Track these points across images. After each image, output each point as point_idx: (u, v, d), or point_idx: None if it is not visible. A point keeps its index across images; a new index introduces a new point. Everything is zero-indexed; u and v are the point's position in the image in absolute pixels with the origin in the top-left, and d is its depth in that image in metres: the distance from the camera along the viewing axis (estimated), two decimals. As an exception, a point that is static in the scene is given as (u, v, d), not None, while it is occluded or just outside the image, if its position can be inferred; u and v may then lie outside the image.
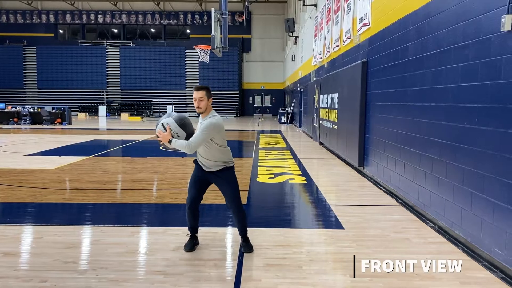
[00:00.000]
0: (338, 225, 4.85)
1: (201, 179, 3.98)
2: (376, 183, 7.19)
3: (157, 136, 3.78)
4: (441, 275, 3.45)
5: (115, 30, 40.26)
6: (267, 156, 10.84)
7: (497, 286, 3.29)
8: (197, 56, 27.81)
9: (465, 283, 3.32)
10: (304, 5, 18.27)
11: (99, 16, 38.98)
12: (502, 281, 3.36)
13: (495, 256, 3.57)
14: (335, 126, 10.76)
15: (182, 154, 11.08)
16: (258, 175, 7.99)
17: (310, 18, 17.90)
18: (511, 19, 3.41)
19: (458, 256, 3.90)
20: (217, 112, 3.92)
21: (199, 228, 4.14)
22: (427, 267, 3.61)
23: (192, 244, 3.99)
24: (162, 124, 3.76)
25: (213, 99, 3.88)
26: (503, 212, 3.46)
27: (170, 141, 3.69)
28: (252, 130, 20.89)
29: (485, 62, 3.79)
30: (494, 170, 3.62)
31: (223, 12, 15.26)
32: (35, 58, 38.07)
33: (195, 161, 4.02)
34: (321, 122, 13.24)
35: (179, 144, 3.69)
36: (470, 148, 4.02)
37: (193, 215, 3.99)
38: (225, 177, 3.93)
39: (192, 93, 3.85)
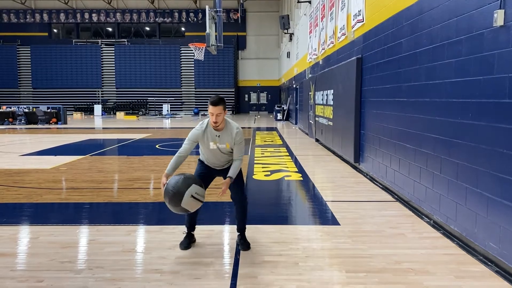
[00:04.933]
0: (334, 221, 4.87)
1: (206, 175, 3.99)
2: (372, 179, 7.22)
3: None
4: (436, 269, 3.48)
5: (110, 29, 40.12)
6: (263, 154, 10.85)
7: (492, 280, 3.31)
8: (192, 54, 27.76)
9: (460, 277, 3.35)
10: (298, 1, 18.26)
11: (93, 15, 38.82)
12: (496, 275, 3.38)
13: (490, 250, 3.60)
14: (330, 123, 10.78)
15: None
16: (254, 173, 8.00)
17: (304, 15, 17.89)
18: (503, 14, 3.43)
19: (453, 251, 3.93)
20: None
21: (196, 226, 4.15)
22: (422, 262, 3.64)
23: (188, 242, 4.00)
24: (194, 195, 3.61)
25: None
26: (497, 206, 3.49)
27: (232, 178, 3.78)
28: (248, 128, 20.87)
29: (478, 57, 3.81)
30: (487, 165, 3.64)
31: (218, 9, 15.23)
32: (29, 57, 37.90)
33: (200, 160, 4.04)
34: (316, 118, 13.26)
35: (236, 171, 3.83)
36: (464, 143, 4.05)
37: (194, 212, 4.00)
38: None
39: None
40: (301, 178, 7.53)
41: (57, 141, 14.34)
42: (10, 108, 24.08)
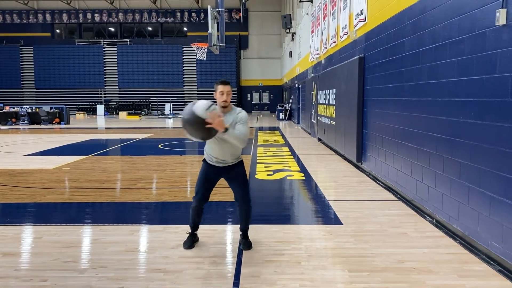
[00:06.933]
0: (336, 221, 4.87)
1: (212, 178, 3.93)
2: (374, 178, 7.21)
3: (186, 125, 3.37)
4: (439, 268, 3.48)
5: (112, 29, 40.18)
6: (266, 153, 10.86)
7: (495, 279, 3.31)
8: (195, 54, 27.75)
9: (462, 276, 3.35)
10: (300, 1, 18.25)
11: (96, 15, 38.89)
12: (499, 274, 3.38)
13: (492, 249, 3.60)
14: (333, 122, 10.78)
15: (180, 152, 11.08)
16: (257, 172, 8.01)
17: (307, 14, 17.88)
18: (506, 13, 3.42)
19: (455, 250, 3.93)
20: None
21: (199, 225, 4.16)
22: (425, 261, 3.64)
23: (191, 241, 4.02)
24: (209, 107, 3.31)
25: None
26: (500, 206, 3.48)
27: (226, 129, 3.39)
28: (251, 127, 20.89)
29: (481, 56, 3.80)
30: (490, 164, 3.64)
31: (220, 9, 15.24)
32: (32, 58, 38.02)
33: (205, 160, 3.97)
34: (319, 118, 13.25)
35: (235, 134, 3.48)
36: (466, 142, 4.04)
37: (198, 213, 4.00)
38: (239, 171, 3.93)
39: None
40: (304, 178, 7.53)
41: (60, 141, 14.39)
42: (13, 108, 24.15)
